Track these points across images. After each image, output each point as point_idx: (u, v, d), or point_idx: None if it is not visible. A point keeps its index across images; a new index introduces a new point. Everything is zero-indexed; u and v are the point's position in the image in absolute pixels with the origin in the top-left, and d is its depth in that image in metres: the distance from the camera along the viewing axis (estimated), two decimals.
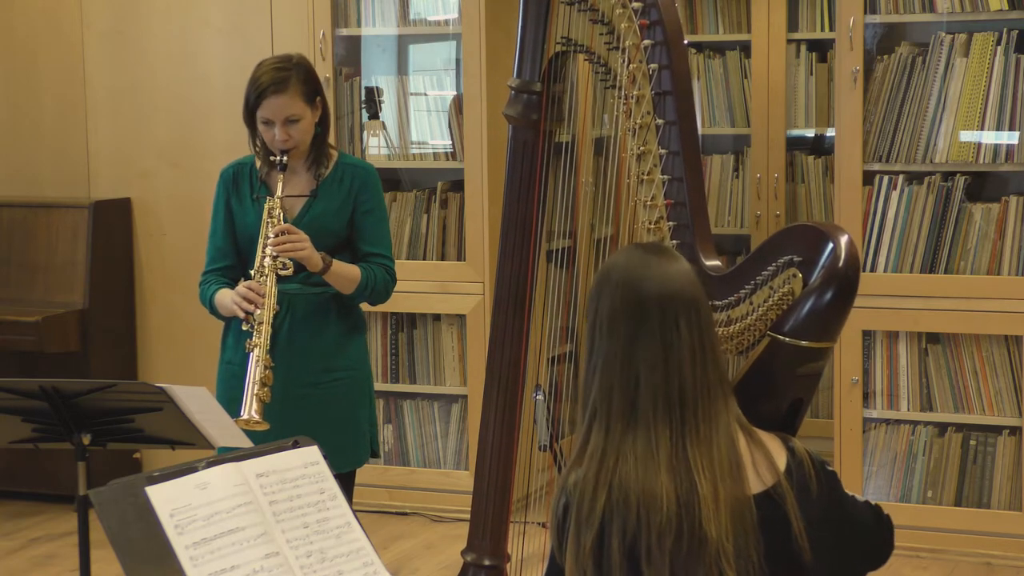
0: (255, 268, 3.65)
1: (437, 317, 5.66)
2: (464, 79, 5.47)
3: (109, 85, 6.07)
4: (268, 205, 3.67)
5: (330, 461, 2.41)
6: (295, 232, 3.64)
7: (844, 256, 2.52)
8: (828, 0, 6.25)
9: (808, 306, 2.53)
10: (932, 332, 5.07)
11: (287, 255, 3.61)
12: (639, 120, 2.97)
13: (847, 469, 5.07)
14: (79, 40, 6.09)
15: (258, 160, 3.79)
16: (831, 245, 2.53)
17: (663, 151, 2.96)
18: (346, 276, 3.73)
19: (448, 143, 5.69)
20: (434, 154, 5.77)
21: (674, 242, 2.90)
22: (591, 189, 3.98)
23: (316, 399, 3.75)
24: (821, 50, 6.37)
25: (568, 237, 4.08)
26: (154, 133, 6.04)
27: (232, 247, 3.81)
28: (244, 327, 3.62)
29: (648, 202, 2.95)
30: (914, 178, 5.07)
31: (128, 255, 6.08)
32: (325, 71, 5.51)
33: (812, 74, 6.37)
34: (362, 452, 3.85)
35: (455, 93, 5.67)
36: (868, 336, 5.11)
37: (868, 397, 5.14)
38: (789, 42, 6.36)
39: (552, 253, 3.82)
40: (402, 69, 5.80)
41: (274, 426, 3.63)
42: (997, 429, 5.04)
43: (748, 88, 6.46)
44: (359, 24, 5.71)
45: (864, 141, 5.06)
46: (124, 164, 6.08)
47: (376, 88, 5.75)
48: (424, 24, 5.77)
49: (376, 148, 5.77)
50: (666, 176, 2.95)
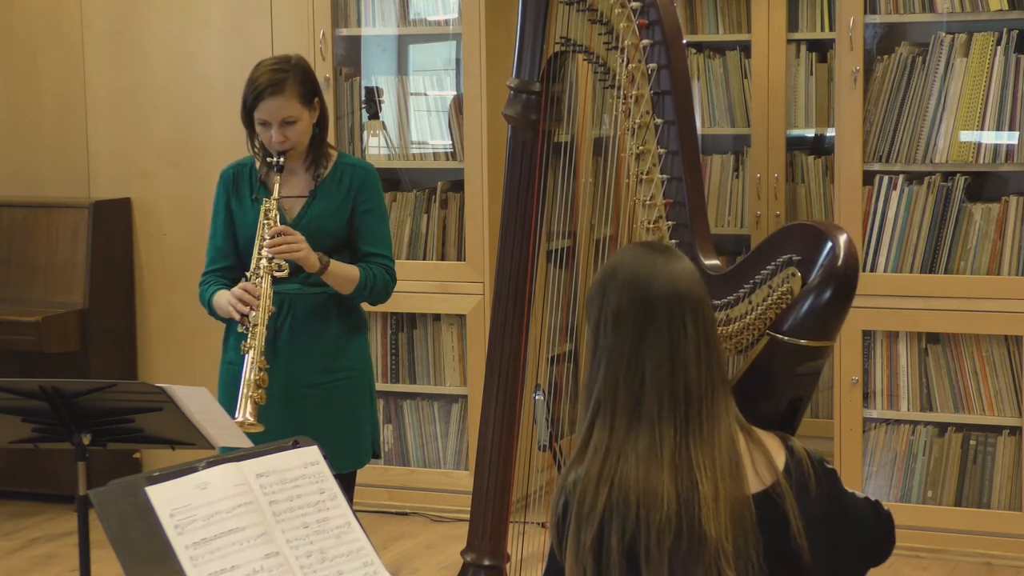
0: (251, 270, 3.65)
1: (437, 317, 5.66)
2: (464, 79, 5.47)
3: (109, 85, 6.07)
4: (264, 207, 3.67)
5: (330, 461, 2.41)
6: (291, 233, 3.64)
7: (843, 255, 2.51)
8: (828, 0, 6.25)
9: (807, 305, 2.53)
10: (932, 332, 5.07)
11: (283, 256, 3.61)
12: (638, 120, 2.97)
13: (847, 469, 5.07)
14: (79, 40, 6.09)
15: (257, 161, 3.79)
16: (830, 244, 2.53)
17: (662, 150, 2.96)
18: (344, 276, 3.73)
19: (448, 143, 5.68)
20: (434, 154, 5.77)
21: (673, 241, 2.90)
22: (590, 189, 3.98)
23: (317, 399, 3.75)
24: (821, 50, 6.37)
25: (567, 237, 4.08)
26: (154, 133, 6.04)
27: (232, 248, 3.81)
28: (240, 329, 3.62)
29: (647, 201, 2.95)
30: (914, 178, 5.07)
31: (128, 255, 6.08)
32: (325, 71, 5.51)
33: (812, 74, 6.37)
34: (363, 453, 3.85)
35: (455, 93, 5.67)
36: (868, 336, 5.11)
37: (868, 397, 5.14)
38: (789, 42, 6.36)
39: (551, 253, 3.82)
40: (402, 69, 5.80)
41: (275, 426, 3.63)
42: (997, 429, 5.04)
43: (748, 88, 6.45)
44: (359, 24, 5.71)
45: (864, 141, 5.05)
46: (124, 164, 6.08)
47: (376, 88, 5.74)
48: (424, 24, 5.77)
49: (376, 148, 5.77)
50: (665, 175, 2.95)
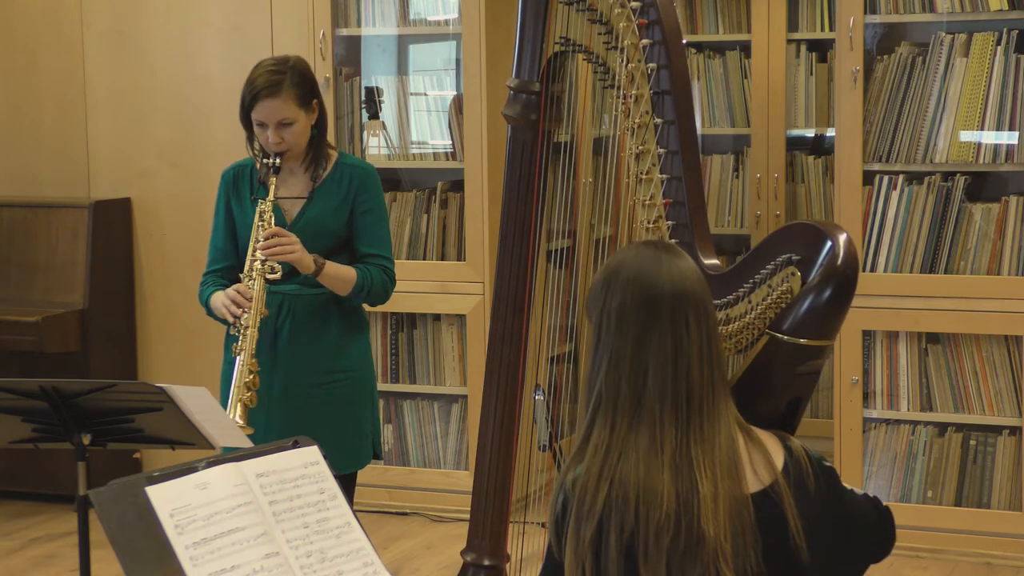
0: (244, 271, 3.65)
1: (437, 317, 5.66)
2: (464, 79, 5.47)
3: (109, 85, 6.07)
4: (259, 208, 3.66)
5: (331, 462, 2.41)
6: (285, 235, 3.62)
7: (842, 254, 2.51)
8: (828, 0, 6.24)
9: (807, 304, 2.53)
10: (932, 332, 5.07)
11: (277, 258, 3.60)
12: (638, 119, 2.97)
13: (847, 469, 5.07)
14: (79, 40, 6.09)
15: (257, 161, 3.79)
16: (829, 243, 2.53)
17: (662, 150, 2.96)
18: (340, 278, 3.72)
19: (448, 143, 5.68)
20: (434, 154, 5.77)
21: (673, 241, 2.90)
22: (590, 189, 3.98)
23: (317, 400, 3.75)
24: (821, 50, 6.37)
25: (567, 237, 4.08)
26: (154, 133, 6.04)
27: (232, 248, 3.81)
28: (231, 331, 3.62)
29: (647, 201, 2.95)
30: (914, 178, 5.07)
31: (128, 255, 6.08)
32: (325, 71, 5.51)
33: (812, 74, 6.37)
34: (364, 453, 3.84)
35: (455, 93, 5.67)
36: (868, 336, 5.11)
37: (868, 397, 5.14)
38: (789, 42, 6.36)
39: (551, 253, 3.82)
40: (402, 69, 5.80)
41: (275, 426, 3.63)
42: (997, 429, 5.04)
43: (748, 88, 6.45)
44: (359, 24, 5.71)
45: (864, 141, 5.05)
46: (124, 164, 6.08)
47: (376, 88, 5.74)
48: (424, 24, 5.77)
49: (376, 148, 5.77)
50: (665, 175, 2.95)
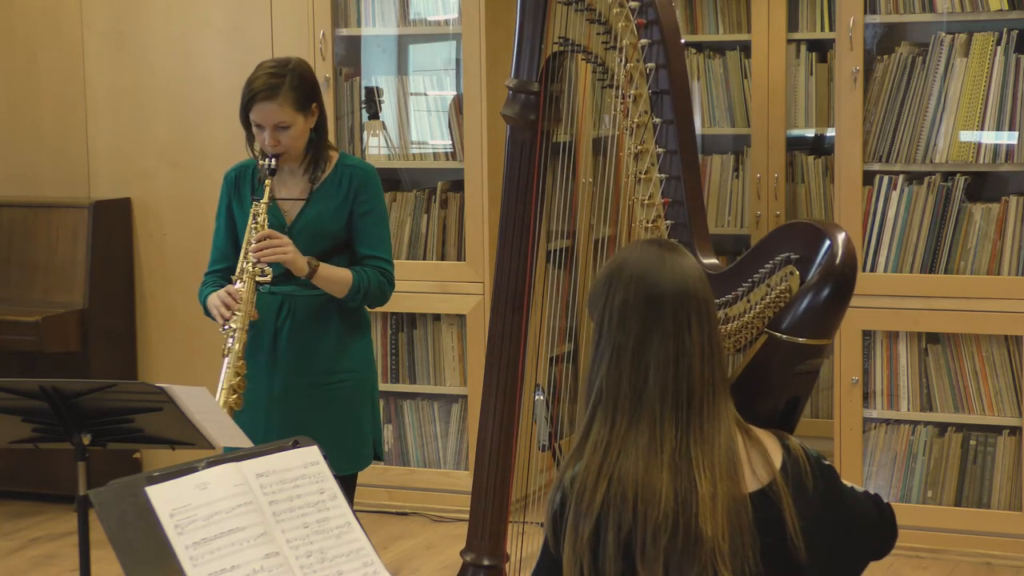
0: (236, 274, 3.65)
1: (437, 317, 5.66)
2: (464, 79, 5.47)
3: (109, 85, 6.08)
4: (253, 210, 3.66)
5: (330, 463, 2.41)
6: (277, 237, 3.62)
7: (841, 253, 2.51)
8: (828, 0, 6.24)
9: (805, 303, 2.53)
10: (932, 332, 5.07)
11: (269, 260, 3.60)
12: (636, 119, 2.98)
13: (847, 469, 5.07)
14: (79, 40, 6.09)
15: (258, 162, 3.79)
16: (828, 242, 2.53)
17: (660, 150, 2.96)
18: (335, 280, 3.71)
19: (448, 143, 5.69)
20: (434, 154, 5.77)
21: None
22: (589, 189, 3.98)
23: (317, 400, 3.74)
24: (821, 50, 6.37)
25: (567, 237, 4.08)
26: (154, 133, 6.04)
27: (233, 249, 3.80)
28: (220, 332, 3.62)
29: (646, 201, 2.95)
30: (914, 178, 5.07)
31: (128, 255, 6.08)
32: (325, 71, 5.51)
33: (812, 74, 6.37)
34: (364, 455, 3.84)
35: (455, 93, 5.67)
36: (868, 336, 5.11)
37: (868, 397, 5.14)
38: (789, 42, 6.36)
39: (551, 253, 3.82)
40: (402, 69, 5.80)
41: (275, 427, 3.63)
42: (997, 429, 5.04)
43: (748, 88, 6.45)
44: (359, 24, 5.71)
45: (864, 141, 5.05)
46: (124, 164, 6.08)
47: (376, 88, 5.74)
48: (424, 24, 5.77)
49: (376, 148, 5.77)
50: (663, 175, 2.95)
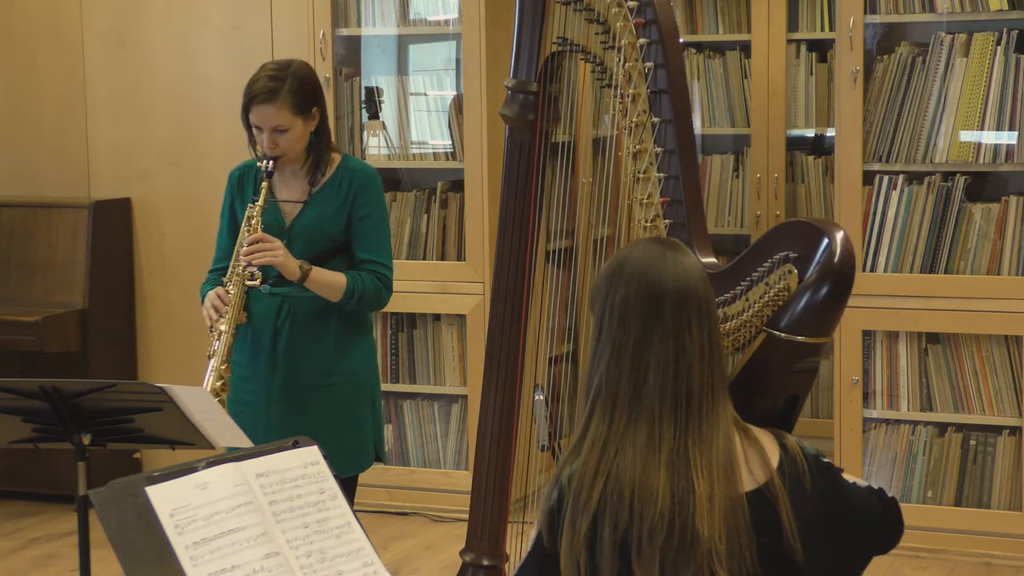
0: (227, 276, 3.66)
1: (437, 317, 5.66)
2: (464, 79, 5.47)
3: (109, 85, 6.08)
4: (248, 213, 3.66)
5: (330, 464, 2.41)
6: (269, 240, 3.62)
7: (839, 252, 2.51)
8: (828, 0, 6.24)
9: (804, 302, 2.53)
10: (932, 332, 5.07)
11: (259, 262, 3.60)
12: (635, 118, 2.98)
13: (847, 469, 5.05)
14: (79, 40, 6.09)
15: (259, 162, 3.79)
16: (826, 241, 2.53)
17: (659, 149, 2.96)
18: (328, 284, 3.69)
19: (448, 143, 5.69)
20: (434, 154, 5.77)
21: None
22: (589, 188, 3.98)
23: (316, 402, 3.74)
24: (821, 50, 6.37)
25: (566, 237, 4.08)
26: (154, 133, 6.04)
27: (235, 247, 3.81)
28: (208, 335, 3.63)
29: (644, 200, 2.95)
30: (914, 178, 5.07)
31: (128, 255, 6.08)
32: (325, 71, 5.51)
33: (812, 74, 6.37)
34: (365, 457, 3.83)
35: (455, 93, 5.67)
36: (868, 336, 5.11)
37: (868, 397, 5.14)
38: (789, 42, 6.36)
39: (550, 253, 3.82)
40: (402, 69, 5.80)
41: (275, 428, 3.63)
42: (997, 429, 5.04)
43: (748, 88, 6.45)
44: (359, 24, 5.71)
45: (864, 141, 5.06)
46: (124, 164, 6.09)
47: (376, 88, 5.75)
48: (424, 24, 5.77)
49: (376, 148, 5.77)
50: (662, 174, 2.95)
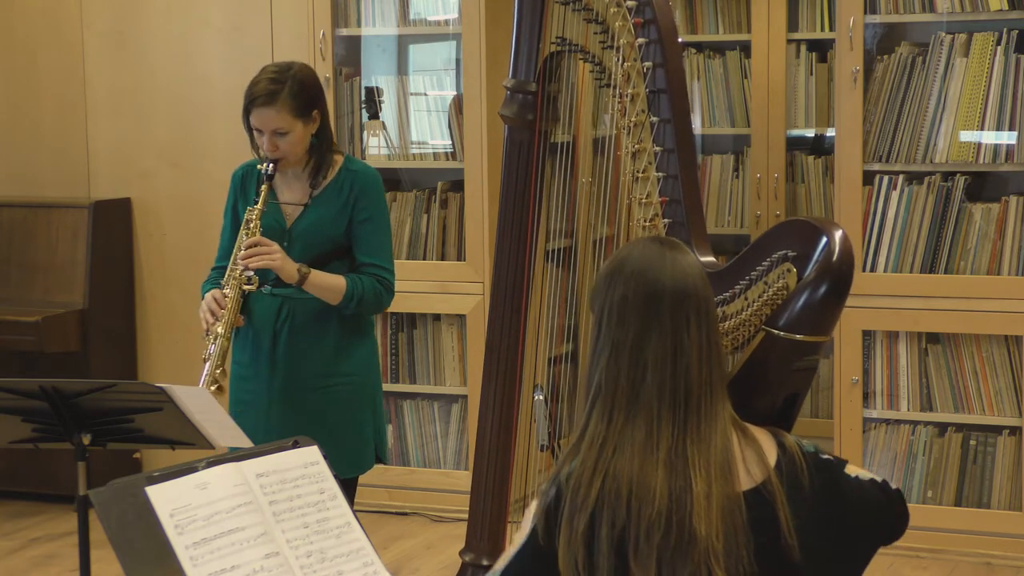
0: (224, 279, 3.66)
1: (437, 317, 5.66)
2: (464, 79, 5.47)
3: (109, 85, 6.08)
4: (247, 215, 3.66)
5: (330, 465, 2.42)
6: (266, 244, 3.61)
7: (838, 251, 2.52)
8: (828, 0, 6.24)
9: (802, 300, 2.53)
10: (932, 332, 5.07)
11: (257, 265, 3.60)
12: (634, 118, 2.98)
13: None
14: (79, 40, 6.09)
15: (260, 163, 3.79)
16: (825, 240, 2.53)
17: (658, 148, 2.96)
18: (327, 287, 3.68)
19: (448, 143, 5.69)
20: (434, 154, 5.77)
21: None
22: (588, 188, 3.98)
23: (316, 403, 3.74)
24: (821, 50, 6.37)
25: (566, 237, 4.08)
26: (154, 133, 6.04)
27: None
28: (203, 338, 3.63)
29: (643, 199, 2.95)
30: (914, 178, 5.07)
31: (128, 255, 6.08)
32: (325, 71, 5.51)
33: (812, 74, 6.37)
34: (365, 459, 3.83)
35: (455, 93, 5.67)
36: (868, 336, 5.11)
37: (868, 397, 5.14)
38: (789, 42, 6.35)
39: (550, 253, 3.82)
40: (402, 69, 5.80)
41: (275, 428, 3.63)
42: (997, 429, 5.04)
43: (748, 88, 6.45)
44: (359, 24, 5.71)
45: (864, 141, 5.06)
46: (124, 164, 6.09)
47: (376, 88, 5.75)
48: (424, 24, 5.77)
49: (376, 148, 5.77)
50: (661, 173, 2.96)
